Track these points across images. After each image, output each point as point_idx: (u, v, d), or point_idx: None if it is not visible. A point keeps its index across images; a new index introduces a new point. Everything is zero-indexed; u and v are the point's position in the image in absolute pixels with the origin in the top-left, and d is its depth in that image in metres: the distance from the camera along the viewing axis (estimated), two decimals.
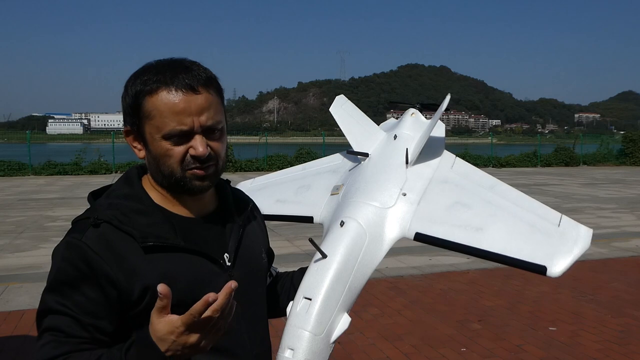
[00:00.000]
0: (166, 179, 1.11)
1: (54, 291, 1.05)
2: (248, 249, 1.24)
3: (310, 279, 1.16)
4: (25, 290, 5.53)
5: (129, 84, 1.11)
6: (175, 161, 1.08)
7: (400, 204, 1.30)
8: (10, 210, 11.48)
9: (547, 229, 1.18)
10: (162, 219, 1.12)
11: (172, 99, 1.05)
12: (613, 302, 5.20)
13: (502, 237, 1.18)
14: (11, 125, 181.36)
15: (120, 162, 21.43)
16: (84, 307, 1.03)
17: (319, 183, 1.57)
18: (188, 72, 1.07)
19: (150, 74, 1.08)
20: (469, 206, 1.27)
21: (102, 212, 1.09)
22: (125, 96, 1.11)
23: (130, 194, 1.14)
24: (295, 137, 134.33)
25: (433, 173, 1.40)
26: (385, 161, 1.45)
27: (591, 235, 1.17)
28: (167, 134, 1.06)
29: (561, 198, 13.83)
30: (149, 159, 1.13)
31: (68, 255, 1.05)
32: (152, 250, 1.07)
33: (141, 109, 1.08)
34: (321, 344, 1.09)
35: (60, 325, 1.03)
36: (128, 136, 1.15)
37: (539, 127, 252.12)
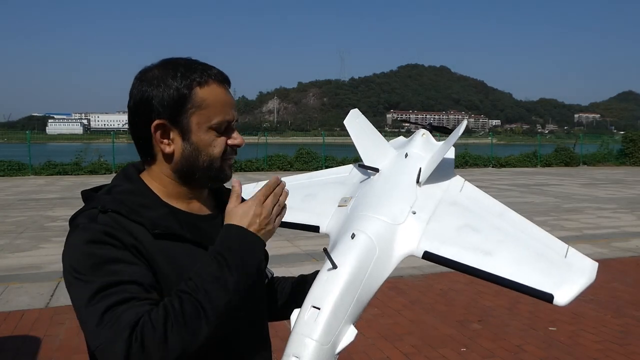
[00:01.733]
0: (199, 171, 1.14)
1: (96, 274, 0.96)
2: None
3: (320, 288, 1.15)
4: (25, 290, 5.53)
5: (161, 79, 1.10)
6: (219, 151, 1.15)
7: (410, 221, 1.30)
8: (10, 210, 11.49)
9: (554, 259, 1.19)
10: (168, 213, 1.12)
11: (222, 91, 1.14)
12: (613, 302, 5.20)
13: (510, 263, 1.18)
14: (11, 125, 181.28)
15: (120, 162, 21.43)
16: (135, 273, 0.98)
17: (326, 193, 1.58)
18: (221, 71, 1.17)
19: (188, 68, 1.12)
20: (478, 230, 1.27)
21: (108, 204, 1.07)
22: (164, 89, 1.09)
23: (133, 190, 1.13)
24: (295, 137, 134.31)
25: (442, 194, 1.40)
26: (396, 178, 1.46)
27: (597, 268, 1.17)
28: (216, 123, 1.13)
29: (561, 198, 13.83)
30: (185, 151, 1.12)
31: (92, 237, 1.00)
32: (161, 237, 1.06)
33: (190, 99, 1.10)
34: (327, 354, 1.09)
35: (123, 296, 0.94)
36: (157, 130, 1.11)
37: (539, 127, 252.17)
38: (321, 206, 1.52)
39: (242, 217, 1.09)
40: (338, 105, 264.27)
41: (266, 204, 1.11)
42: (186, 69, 1.12)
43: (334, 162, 24.48)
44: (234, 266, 1.02)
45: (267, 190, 1.13)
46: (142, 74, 1.14)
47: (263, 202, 1.11)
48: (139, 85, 1.12)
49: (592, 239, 8.44)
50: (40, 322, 4.58)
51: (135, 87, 1.12)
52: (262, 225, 1.09)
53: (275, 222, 1.13)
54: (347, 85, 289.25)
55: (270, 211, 1.11)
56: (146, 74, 1.13)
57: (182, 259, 1.08)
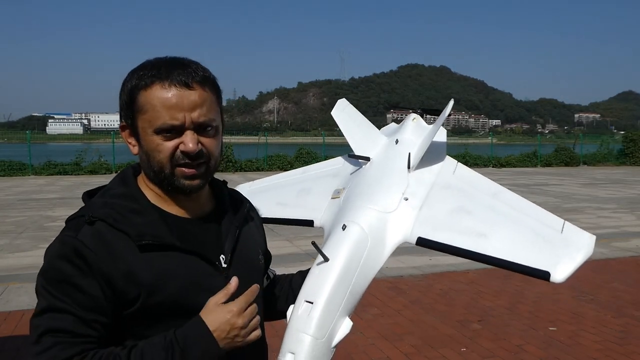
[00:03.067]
0: (156, 175, 1.11)
1: (53, 289, 1.02)
2: (244, 251, 1.23)
3: (312, 282, 1.15)
4: (25, 290, 5.53)
5: (125, 81, 1.11)
6: (165, 156, 1.08)
7: (402, 209, 1.29)
8: (10, 210, 11.48)
9: (551, 236, 1.18)
10: (158, 219, 1.11)
11: (165, 93, 1.06)
12: (613, 302, 5.20)
13: (505, 244, 1.18)
14: (11, 125, 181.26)
15: (120, 162, 21.43)
16: (85, 304, 1.02)
17: (319, 187, 1.57)
18: (184, 69, 1.08)
19: (146, 69, 1.09)
20: (472, 212, 1.26)
21: (97, 211, 1.08)
22: (122, 92, 1.11)
23: (125, 194, 1.13)
24: (295, 137, 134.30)
25: (435, 178, 1.39)
26: (387, 165, 1.44)
27: (594, 241, 1.17)
28: (159, 128, 1.06)
29: (561, 198, 13.83)
30: (141, 154, 1.13)
31: (64, 252, 1.03)
32: (147, 249, 1.06)
33: (135, 103, 1.08)
34: (322, 348, 1.08)
35: (63, 325, 1.00)
36: (123, 132, 1.15)
37: (539, 127, 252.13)
38: (315, 200, 1.52)
39: (214, 319, 1.04)
40: None
41: (245, 314, 1.06)
42: (144, 70, 1.09)
43: None
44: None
45: (249, 297, 1.08)
46: None
47: (243, 312, 1.06)
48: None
49: None
50: None
51: None
52: (230, 335, 1.05)
53: (247, 338, 1.07)
54: (347, 85, 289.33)
55: (246, 324, 1.06)
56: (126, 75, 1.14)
57: (169, 269, 1.08)
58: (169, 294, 1.07)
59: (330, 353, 1.11)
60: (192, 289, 1.09)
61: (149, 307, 1.05)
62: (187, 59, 1.13)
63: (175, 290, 1.07)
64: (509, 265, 1.14)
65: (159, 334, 1.05)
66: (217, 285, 1.12)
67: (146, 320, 1.07)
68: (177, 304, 1.08)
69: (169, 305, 1.07)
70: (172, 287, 1.07)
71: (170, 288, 1.07)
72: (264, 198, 1.63)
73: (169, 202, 1.15)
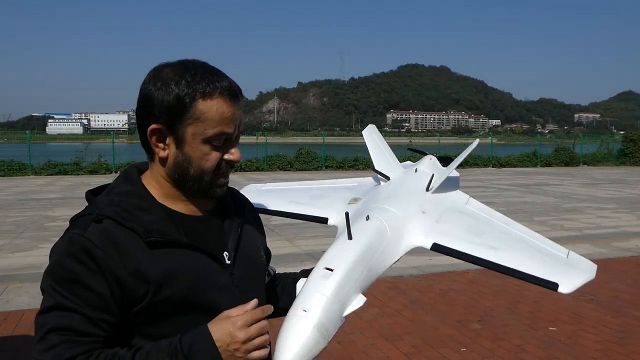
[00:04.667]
0: (189, 181, 1.13)
1: (60, 288, 1.02)
2: (247, 248, 1.25)
3: (334, 253, 1.17)
4: (25, 290, 5.53)
5: (168, 81, 1.09)
6: (212, 165, 1.12)
7: (420, 218, 1.37)
8: (10, 210, 11.48)
9: (557, 258, 1.26)
10: (165, 216, 1.12)
11: (225, 105, 1.10)
12: (613, 302, 5.20)
13: (516, 257, 1.24)
14: (11, 125, 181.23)
15: (120, 162, 21.44)
16: (93, 303, 1.01)
17: (333, 194, 1.63)
18: (231, 82, 1.13)
19: (196, 75, 1.09)
20: (485, 232, 1.34)
21: (104, 209, 1.08)
22: (164, 93, 1.08)
23: (131, 191, 1.14)
24: (295, 137, 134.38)
25: (449, 204, 1.48)
26: (407, 185, 1.54)
27: (596, 269, 1.23)
28: (212, 137, 1.10)
29: (561, 198, 13.83)
30: (177, 160, 1.12)
31: (72, 250, 1.03)
32: (155, 246, 1.07)
33: (189, 110, 1.08)
34: (335, 312, 1.09)
35: (70, 323, 1.00)
36: (153, 135, 1.12)
37: (539, 127, 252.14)
38: (330, 203, 1.56)
39: (217, 329, 1.03)
40: (338, 105, 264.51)
41: (249, 329, 1.03)
42: (194, 76, 1.09)
43: (334, 162, 24.49)
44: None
45: (257, 314, 1.05)
46: (154, 70, 1.13)
47: (247, 326, 1.03)
48: (147, 81, 1.12)
49: (592, 239, 8.44)
50: None
51: (145, 82, 1.12)
52: (230, 348, 1.01)
53: (249, 355, 1.03)
54: (347, 85, 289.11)
55: (249, 339, 1.02)
56: (157, 71, 1.12)
57: (177, 265, 1.09)
58: (177, 290, 1.08)
59: (340, 322, 1.11)
60: (199, 285, 1.10)
61: (157, 304, 1.06)
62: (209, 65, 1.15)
63: (183, 286, 1.08)
64: (520, 274, 1.20)
65: (165, 337, 1.05)
66: (222, 281, 1.15)
67: (154, 317, 1.07)
68: (185, 300, 1.09)
69: (177, 301, 1.08)
70: (180, 283, 1.08)
71: (178, 284, 1.08)
72: (275, 196, 1.66)
73: (174, 200, 1.17)
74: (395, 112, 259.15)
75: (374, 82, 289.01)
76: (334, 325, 1.09)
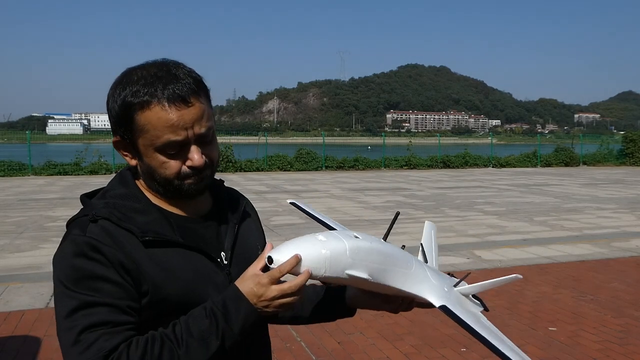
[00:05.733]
0: (161, 186, 1.12)
1: (78, 288, 1.01)
2: (244, 248, 1.25)
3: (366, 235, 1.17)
4: (25, 290, 5.53)
5: (115, 92, 1.09)
6: (172, 173, 1.10)
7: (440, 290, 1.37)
8: (11, 210, 11.49)
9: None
10: (160, 217, 1.13)
11: (165, 114, 1.05)
12: (613, 302, 5.20)
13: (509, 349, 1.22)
14: (11, 125, 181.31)
15: (120, 162, 21.43)
16: (114, 293, 1.01)
17: None
18: (178, 82, 1.06)
19: (139, 85, 1.06)
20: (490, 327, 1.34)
21: (100, 210, 1.09)
22: (113, 104, 1.09)
23: (126, 194, 1.14)
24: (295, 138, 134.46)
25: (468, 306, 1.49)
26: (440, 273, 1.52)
27: None
28: (161, 146, 1.07)
29: (561, 198, 13.83)
30: (142, 168, 1.14)
31: (79, 250, 1.03)
32: (151, 245, 1.07)
33: (134, 123, 1.07)
34: (343, 260, 1.07)
35: (100, 318, 0.99)
36: (117, 145, 1.15)
37: (539, 127, 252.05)
38: None
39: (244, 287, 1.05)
40: (338, 105, 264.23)
41: (272, 289, 1.04)
42: (136, 85, 1.07)
43: (334, 163, 24.51)
44: (223, 332, 1.03)
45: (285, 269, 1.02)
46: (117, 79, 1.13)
47: (271, 285, 1.04)
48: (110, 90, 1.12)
49: (592, 239, 8.43)
50: (41, 322, 4.58)
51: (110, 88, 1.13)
52: (258, 304, 1.05)
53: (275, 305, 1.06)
54: (347, 85, 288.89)
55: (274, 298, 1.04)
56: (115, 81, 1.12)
57: (174, 264, 1.09)
58: (175, 289, 1.08)
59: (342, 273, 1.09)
60: (196, 285, 1.11)
61: (155, 303, 1.07)
62: (172, 64, 1.11)
63: (181, 285, 1.09)
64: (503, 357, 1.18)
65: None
66: (219, 281, 1.15)
67: (154, 316, 1.07)
68: (183, 300, 1.09)
69: (176, 300, 1.08)
70: (177, 282, 1.08)
71: (176, 283, 1.08)
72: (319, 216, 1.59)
73: (169, 202, 1.17)
74: (395, 112, 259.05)
75: (374, 82, 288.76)
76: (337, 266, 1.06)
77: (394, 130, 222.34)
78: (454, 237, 8.57)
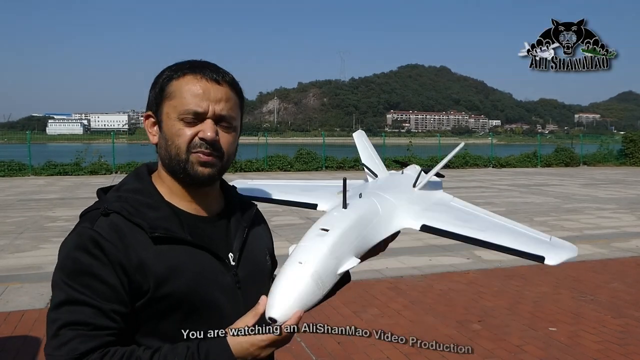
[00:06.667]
0: (172, 161, 1.14)
1: (71, 281, 1.03)
2: (252, 251, 1.25)
3: (329, 217, 1.20)
4: (25, 290, 5.53)
5: (158, 76, 1.17)
6: (184, 141, 1.11)
7: (409, 206, 1.42)
8: (11, 210, 11.49)
9: (541, 240, 1.32)
10: (171, 214, 1.14)
11: (195, 83, 1.12)
12: (613, 302, 5.20)
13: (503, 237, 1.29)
14: (11, 126, 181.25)
15: (120, 162, 21.45)
16: (104, 294, 1.03)
17: (323, 189, 1.68)
18: (216, 69, 1.15)
19: (182, 65, 1.16)
20: (471, 220, 1.40)
21: (112, 204, 1.11)
22: (154, 86, 1.17)
23: (139, 189, 1.16)
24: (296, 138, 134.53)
25: (436, 200, 1.56)
26: (394, 181, 1.62)
27: (577, 251, 1.30)
28: (182, 113, 1.11)
29: (561, 198, 13.83)
30: (160, 141, 1.16)
31: (81, 243, 1.05)
32: (160, 241, 1.08)
33: (165, 91, 1.14)
34: (331, 267, 1.09)
35: (83, 317, 1.00)
36: (147, 120, 1.19)
37: (539, 127, 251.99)
38: (319, 194, 1.61)
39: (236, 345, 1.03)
40: (338, 105, 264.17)
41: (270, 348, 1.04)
42: (178, 66, 1.16)
43: (334, 163, 24.50)
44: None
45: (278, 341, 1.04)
46: None
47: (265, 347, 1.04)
48: None
49: (592, 239, 8.44)
50: (41, 322, 4.58)
51: None
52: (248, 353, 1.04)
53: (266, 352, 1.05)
54: (347, 85, 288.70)
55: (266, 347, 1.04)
56: None
57: (180, 262, 1.10)
58: (179, 287, 1.08)
59: (335, 278, 1.11)
60: (201, 283, 1.11)
61: (159, 299, 1.07)
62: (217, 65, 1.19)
63: (185, 283, 1.09)
64: (508, 250, 1.25)
65: (169, 335, 1.07)
66: (225, 282, 1.15)
67: (157, 313, 1.08)
68: (187, 297, 1.10)
69: (179, 297, 1.09)
70: (182, 279, 1.09)
71: (180, 280, 1.09)
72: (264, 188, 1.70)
73: (181, 199, 1.18)
74: (395, 113, 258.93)
75: (374, 82, 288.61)
76: (329, 278, 1.09)
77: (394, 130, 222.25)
78: None
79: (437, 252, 7.35)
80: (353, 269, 1.17)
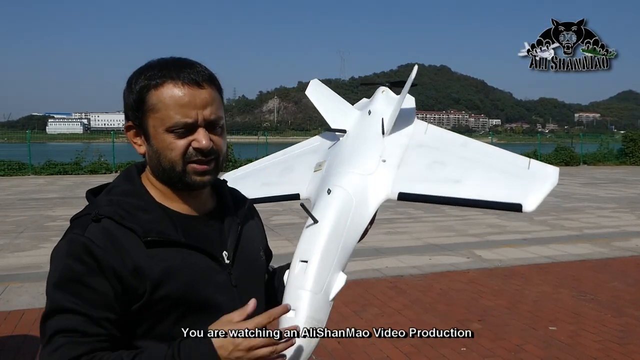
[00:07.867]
0: (166, 173, 1.12)
1: (62, 289, 1.03)
2: (246, 247, 1.25)
3: (305, 243, 1.22)
4: (25, 290, 5.53)
5: (132, 80, 1.12)
6: (178, 154, 1.09)
7: (382, 170, 1.40)
8: (10, 210, 11.48)
9: (518, 172, 1.30)
10: (163, 216, 1.13)
11: (178, 92, 1.08)
12: (613, 302, 5.20)
13: (478, 185, 1.28)
14: (11, 125, 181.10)
15: (120, 162, 21.43)
16: (95, 302, 1.02)
17: (301, 164, 1.67)
18: (192, 68, 1.11)
19: (155, 69, 1.10)
20: (445, 163, 1.38)
21: (103, 208, 1.09)
22: (129, 92, 1.12)
23: (130, 191, 1.15)
24: (296, 137, 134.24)
25: (408, 140, 1.51)
26: (363, 134, 1.56)
27: (558, 172, 1.29)
28: (172, 126, 1.08)
29: (561, 198, 13.83)
30: (150, 153, 1.14)
31: (73, 251, 1.04)
32: (153, 245, 1.08)
33: (146, 103, 1.09)
34: (321, 302, 1.13)
35: (73, 325, 1.01)
36: (129, 131, 1.16)
37: (539, 126, 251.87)
38: (298, 176, 1.61)
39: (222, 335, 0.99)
40: None
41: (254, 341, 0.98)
42: (152, 70, 1.10)
43: None
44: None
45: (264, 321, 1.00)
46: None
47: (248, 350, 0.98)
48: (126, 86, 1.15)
49: (592, 238, 8.43)
50: None
51: None
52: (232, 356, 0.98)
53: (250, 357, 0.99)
54: (347, 84, 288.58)
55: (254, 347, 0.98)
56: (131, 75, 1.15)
57: (174, 264, 1.09)
58: (175, 288, 1.08)
59: (329, 305, 1.16)
60: (197, 284, 1.11)
61: (155, 302, 1.07)
62: (190, 60, 1.15)
63: (181, 284, 1.09)
64: (484, 203, 1.24)
65: (166, 337, 1.06)
66: (221, 280, 1.15)
67: (154, 315, 1.08)
68: (183, 299, 1.09)
69: (175, 299, 1.09)
70: (177, 281, 1.08)
71: (176, 282, 1.08)
72: (249, 182, 1.71)
73: (173, 200, 1.17)
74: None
75: (374, 81, 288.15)
76: (324, 312, 1.13)
77: None
78: (454, 237, 8.57)
79: (437, 252, 7.35)
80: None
